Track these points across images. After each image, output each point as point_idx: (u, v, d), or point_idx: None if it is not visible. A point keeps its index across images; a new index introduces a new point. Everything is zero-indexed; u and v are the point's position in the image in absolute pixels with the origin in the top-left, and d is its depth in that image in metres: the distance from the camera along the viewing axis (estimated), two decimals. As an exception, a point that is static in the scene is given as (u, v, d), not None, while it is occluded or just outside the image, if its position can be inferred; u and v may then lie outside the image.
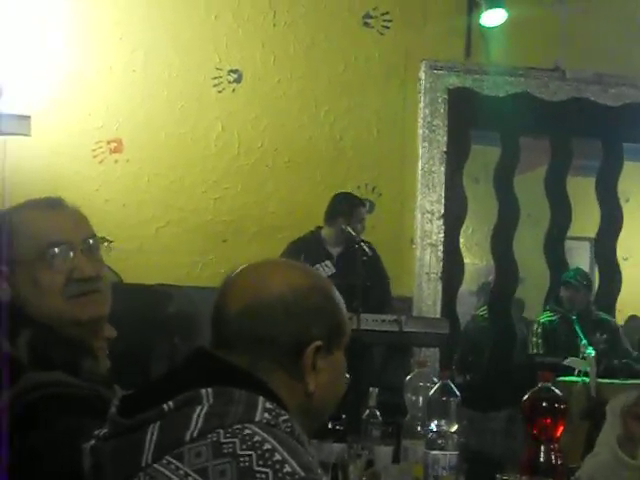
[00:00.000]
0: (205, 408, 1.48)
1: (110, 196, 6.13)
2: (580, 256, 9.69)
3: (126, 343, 2.20)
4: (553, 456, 2.39)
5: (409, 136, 6.86)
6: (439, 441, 2.71)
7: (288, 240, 6.15)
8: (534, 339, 7.13)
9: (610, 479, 2.85)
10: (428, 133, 6.87)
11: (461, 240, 7.30)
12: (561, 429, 2.41)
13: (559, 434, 2.41)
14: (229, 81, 6.66)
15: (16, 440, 1.80)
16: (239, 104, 6.66)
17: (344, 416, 3.06)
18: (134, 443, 1.49)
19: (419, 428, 2.93)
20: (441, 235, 6.87)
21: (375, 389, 3.17)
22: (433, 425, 2.77)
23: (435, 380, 2.99)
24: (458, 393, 2.83)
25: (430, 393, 2.86)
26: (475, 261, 9.68)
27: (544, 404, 2.42)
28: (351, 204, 6.14)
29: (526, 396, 2.46)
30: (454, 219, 7.01)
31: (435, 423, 2.77)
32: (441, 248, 6.87)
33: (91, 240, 2.11)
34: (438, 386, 2.86)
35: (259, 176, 6.64)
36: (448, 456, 2.67)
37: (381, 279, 6.10)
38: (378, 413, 3.11)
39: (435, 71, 6.90)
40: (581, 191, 7.70)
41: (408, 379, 3.14)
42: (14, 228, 2.06)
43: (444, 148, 6.90)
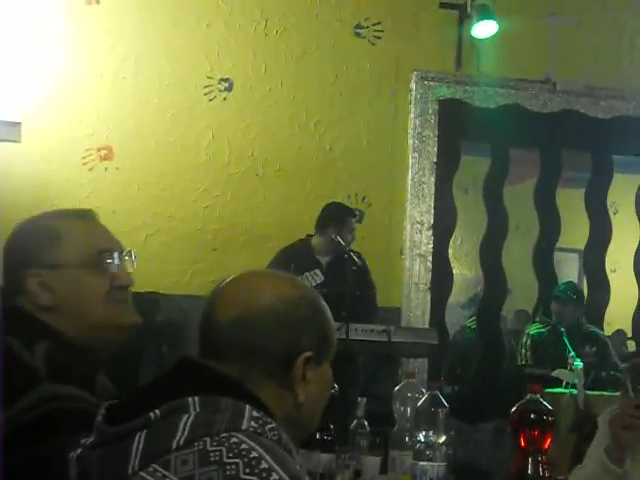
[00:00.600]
0: (192, 416, 1.48)
1: (100, 203, 6.10)
2: (569, 268, 9.72)
3: (114, 350, 2.21)
4: (541, 468, 2.39)
5: (399, 146, 6.87)
6: (427, 452, 2.71)
7: (278, 249, 6.15)
8: (523, 351, 7.13)
9: None
10: (418, 144, 6.88)
11: (450, 251, 7.30)
12: (549, 441, 2.41)
13: (547, 446, 2.41)
14: (220, 90, 6.66)
15: (24, 450, 1.80)
16: (230, 113, 6.66)
17: (332, 426, 3.05)
18: (120, 451, 1.49)
19: (407, 439, 2.92)
20: (430, 245, 6.88)
21: (363, 399, 3.16)
22: (421, 436, 2.77)
23: (423, 391, 2.99)
24: (446, 404, 2.83)
25: (418, 404, 2.85)
26: (464, 272, 9.69)
27: (532, 416, 2.42)
28: (342, 214, 6.14)
29: (514, 408, 2.45)
30: (443, 230, 7.01)
31: (423, 434, 2.77)
32: (430, 258, 6.87)
33: (126, 251, 2.18)
34: (427, 397, 2.85)
35: (249, 185, 6.64)
36: (436, 467, 2.66)
37: (368, 289, 6.10)
38: (366, 423, 3.10)
39: (426, 82, 6.91)
40: (570, 203, 7.71)
41: (397, 389, 3.13)
42: (58, 234, 2.10)
43: (434, 159, 6.91)
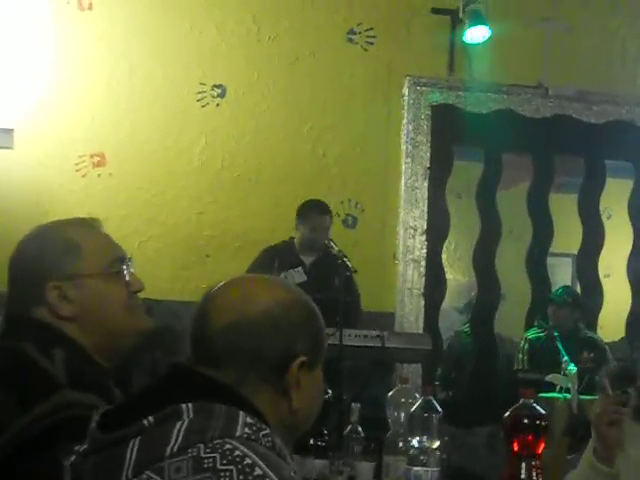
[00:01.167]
0: (185, 423, 1.47)
1: (93, 209, 6.05)
2: (562, 272, 9.70)
3: (123, 358, 2.23)
4: (534, 473, 2.39)
5: (392, 152, 6.87)
6: (421, 457, 2.71)
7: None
8: (520, 355, 7.13)
9: None
10: (411, 149, 6.88)
11: (444, 256, 7.31)
12: (542, 446, 2.41)
13: (540, 451, 2.41)
14: (213, 96, 6.66)
15: (43, 455, 1.80)
16: (223, 119, 6.66)
17: (326, 432, 3.05)
18: (114, 458, 1.48)
19: (401, 444, 2.92)
20: (424, 251, 6.88)
21: (357, 405, 3.16)
22: (415, 441, 2.77)
23: (417, 396, 2.99)
24: (440, 409, 2.83)
25: (412, 409, 2.86)
26: (457, 277, 9.68)
27: (525, 421, 2.42)
28: (306, 209, 6.11)
29: (507, 413, 2.46)
30: (437, 235, 7.01)
31: (417, 439, 2.77)
32: (424, 264, 6.87)
33: (130, 258, 2.21)
34: (420, 402, 2.85)
35: (242, 191, 6.64)
36: (430, 472, 2.67)
37: (352, 295, 6.08)
38: (360, 429, 3.10)
39: (418, 87, 6.91)
40: (563, 208, 7.72)
41: (390, 395, 3.13)
42: (76, 243, 2.12)
43: (427, 164, 6.91)
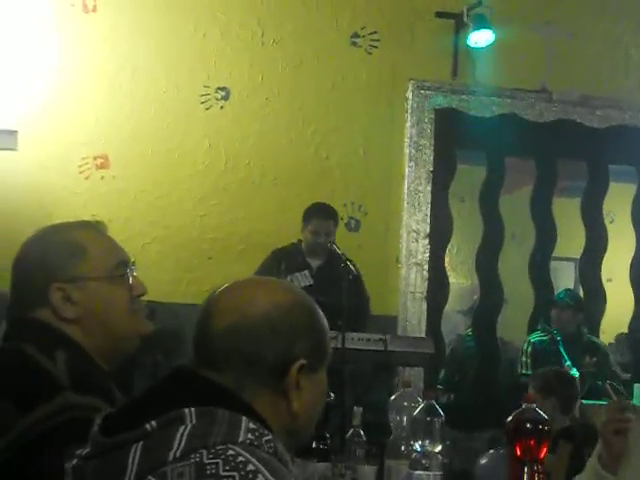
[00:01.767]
0: (188, 428, 1.47)
1: (96, 212, 6.10)
2: (565, 277, 9.71)
3: (124, 360, 2.23)
4: (536, 477, 2.39)
5: (396, 155, 6.88)
6: (423, 461, 2.71)
7: (274, 258, 6.17)
8: (524, 358, 7.11)
9: None
10: (414, 152, 6.88)
11: (446, 259, 7.30)
12: (545, 450, 2.41)
13: (542, 455, 2.41)
14: (217, 98, 6.66)
15: (44, 457, 1.80)
16: (226, 121, 6.66)
17: (328, 435, 3.05)
18: (116, 463, 1.48)
19: (403, 448, 2.92)
20: (426, 254, 6.88)
21: (359, 408, 3.16)
22: (417, 445, 2.77)
23: (419, 400, 2.98)
24: (442, 413, 2.83)
25: (414, 413, 2.85)
26: (460, 280, 9.69)
27: (528, 425, 2.42)
28: (309, 211, 6.13)
29: (510, 417, 2.46)
30: (440, 238, 7.01)
31: (419, 443, 2.77)
32: (426, 267, 6.87)
33: (133, 262, 2.22)
34: (422, 406, 2.85)
35: (246, 193, 6.65)
36: (432, 476, 2.67)
37: (362, 299, 6.08)
38: (362, 432, 3.10)
39: (422, 91, 6.91)
40: (566, 212, 7.72)
41: (393, 399, 3.13)
42: (82, 246, 2.13)
43: (430, 167, 6.91)
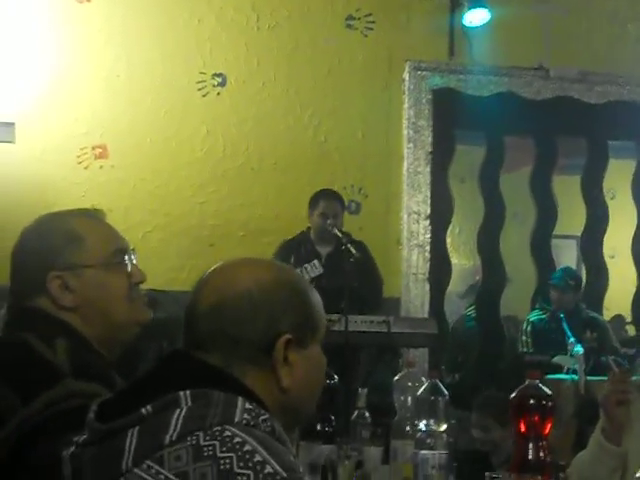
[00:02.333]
0: (184, 411, 1.47)
1: (96, 202, 6.09)
2: (567, 254, 9.71)
3: (125, 348, 2.23)
4: (542, 453, 2.39)
5: (394, 137, 6.87)
6: (428, 441, 2.71)
7: (275, 243, 6.15)
8: (524, 337, 7.13)
9: (597, 470, 2.88)
10: (413, 134, 6.88)
11: (448, 240, 7.30)
12: (549, 426, 2.41)
13: (547, 431, 2.41)
14: (213, 85, 6.66)
15: (46, 444, 1.79)
16: (224, 108, 6.66)
17: (333, 417, 3.06)
18: (114, 449, 1.48)
19: (408, 428, 2.92)
20: (428, 235, 6.88)
21: (364, 390, 3.16)
22: (422, 425, 2.77)
23: (424, 380, 2.98)
24: (446, 392, 2.83)
25: (419, 393, 2.85)
26: (462, 261, 9.69)
27: (531, 401, 2.42)
28: (315, 196, 6.13)
29: (513, 394, 2.45)
30: (440, 219, 7.02)
31: (424, 423, 2.77)
32: (428, 248, 6.88)
33: (133, 249, 2.22)
34: (426, 386, 2.85)
35: (245, 179, 6.64)
36: (437, 455, 2.66)
37: (370, 281, 6.06)
38: (367, 414, 3.10)
39: (419, 72, 6.91)
40: (567, 189, 7.71)
41: (396, 379, 3.13)
42: (78, 234, 2.12)
43: (429, 148, 6.91)
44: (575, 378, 6.02)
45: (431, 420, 2.77)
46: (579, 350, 6.21)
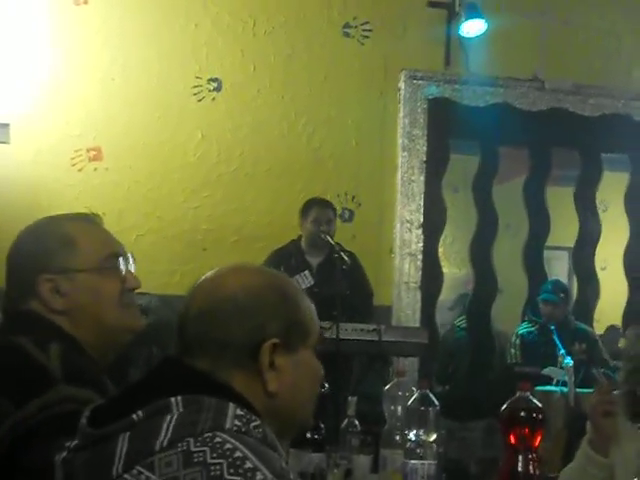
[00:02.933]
0: (175, 417, 1.47)
1: (90, 204, 6.08)
2: (559, 266, 9.73)
3: (118, 353, 2.22)
4: (531, 466, 2.40)
5: (388, 146, 6.87)
6: (418, 450, 2.71)
7: (268, 249, 6.14)
8: (512, 350, 7.13)
9: None
10: (407, 143, 6.88)
11: (440, 249, 7.31)
12: (539, 439, 2.42)
13: (537, 444, 2.41)
14: (209, 90, 6.66)
15: (37, 449, 1.80)
16: (219, 113, 6.66)
17: (323, 425, 3.05)
18: (105, 454, 1.48)
19: (398, 437, 2.92)
20: (420, 244, 6.88)
21: (354, 398, 3.16)
22: (412, 434, 2.77)
23: (414, 390, 2.99)
24: (437, 403, 2.83)
25: (409, 402, 2.86)
26: (454, 270, 9.69)
27: (522, 414, 2.42)
28: (307, 205, 6.12)
29: (504, 406, 2.46)
30: (433, 228, 7.02)
31: (414, 432, 2.77)
32: (420, 257, 6.88)
33: (131, 255, 2.21)
34: (417, 396, 2.85)
35: (239, 185, 6.64)
36: (427, 465, 2.67)
37: (360, 290, 6.06)
38: (357, 422, 3.10)
39: (415, 81, 6.91)
40: (560, 201, 7.72)
41: (387, 388, 3.13)
42: (71, 238, 2.12)
43: (423, 158, 6.91)
44: (565, 390, 6.02)
45: (421, 430, 2.77)
46: (569, 362, 6.21)
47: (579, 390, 6.00)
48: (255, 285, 1.65)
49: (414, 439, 2.76)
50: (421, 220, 6.87)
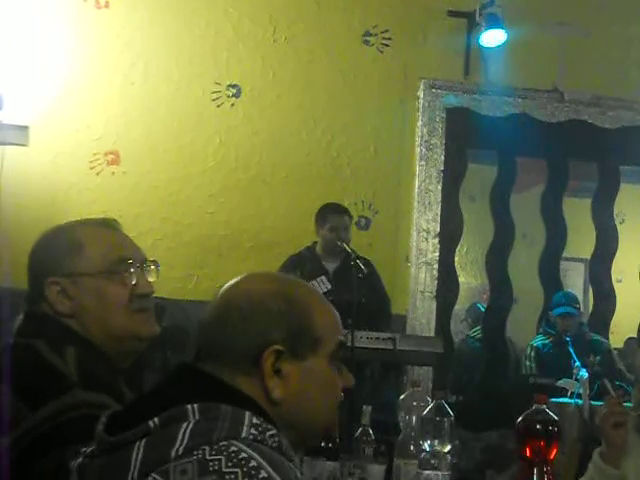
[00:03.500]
0: (191, 424, 1.47)
1: (107, 208, 6.11)
2: (575, 277, 9.70)
3: (135, 359, 2.23)
4: (546, 478, 2.39)
5: (406, 154, 6.87)
6: (432, 461, 2.71)
7: (284, 256, 6.14)
8: (527, 362, 7.10)
9: None
10: (425, 151, 6.88)
11: (456, 259, 7.29)
12: (554, 451, 2.41)
13: (552, 456, 2.40)
14: (228, 95, 6.67)
15: (52, 454, 1.80)
16: (237, 119, 6.67)
17: (337, 434, 3.05)
18: (120, 461, 1.48)
19: (412, 447, 2.92)
20: (436, 254, 6.87)
21: (368, 407, 3.16)
22: (426, 445, 2.77)
23: (429, 399, 2.98)
24: (452, 413, 2.82)
25: (424, 413, 2.85)
26: (470, 280, 9.68)
27: (538, 426, 2.41)
28: (322, 211, 6.10)
29: (520, 418, 2.45)
30: (450, 238, 7.00)
31: (428, 443, 2.77)
32: (436, 266, 6.87)
33: (148, 261, 2.20)
34: (432, 406, 2.85)
35: (256, 191, 6.65)
36: (441, 476, 2.66)
37: (377, 297, 6.05)
38: (371, 431, 3.09)
39: (434, 90, 6.91)
40: (577, 212, 7.71)
41: (402, 398, 3.13)
42: (79, 242, 2.13)
43: (441, 167, 6.90)
44: (579, 402, 6.00)
45: (435, 440, 2.77)
46: (584, 374, 6.18)
47: (594, 403, 5.97)
48: (259, 291, 1.66)
49: (428, 449, 2.75)
50: (438, 229, 6.87)
